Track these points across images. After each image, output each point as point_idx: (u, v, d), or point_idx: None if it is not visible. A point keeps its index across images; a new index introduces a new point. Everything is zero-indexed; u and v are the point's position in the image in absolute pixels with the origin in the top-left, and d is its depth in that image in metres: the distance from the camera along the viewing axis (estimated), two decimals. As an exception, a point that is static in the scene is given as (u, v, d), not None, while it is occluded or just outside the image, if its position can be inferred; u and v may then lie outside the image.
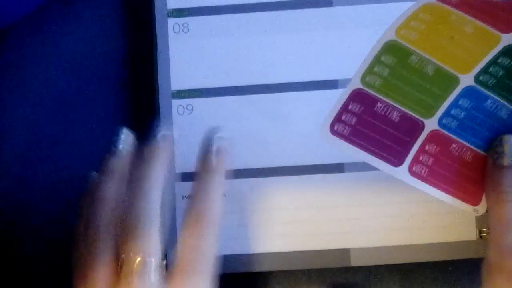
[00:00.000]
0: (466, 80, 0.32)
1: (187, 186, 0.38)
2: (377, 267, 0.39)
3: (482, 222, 0.37)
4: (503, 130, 0.33)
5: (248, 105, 0.38)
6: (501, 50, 0.32)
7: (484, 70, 0.32)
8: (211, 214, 0.32)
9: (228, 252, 0.38)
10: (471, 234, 0.38)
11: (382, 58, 0.32)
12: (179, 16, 0.39)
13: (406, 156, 0.33)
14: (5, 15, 0.40)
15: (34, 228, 0.40)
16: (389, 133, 0.33)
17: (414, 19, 0.32)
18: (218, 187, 0.34)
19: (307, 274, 0.39)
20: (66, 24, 0.41)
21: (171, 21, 0.39)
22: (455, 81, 0.32)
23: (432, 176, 0.33)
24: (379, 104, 0.32)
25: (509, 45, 0.32)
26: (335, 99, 0.37)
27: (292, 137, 0.38)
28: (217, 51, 0.39)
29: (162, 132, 0.34)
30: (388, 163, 0.33)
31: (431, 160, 0.33)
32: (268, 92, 0.38)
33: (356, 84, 0.33)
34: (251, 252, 0.38)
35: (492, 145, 0.33)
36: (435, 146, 0.33)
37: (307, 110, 0.38)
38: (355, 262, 0.38)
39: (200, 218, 0.32)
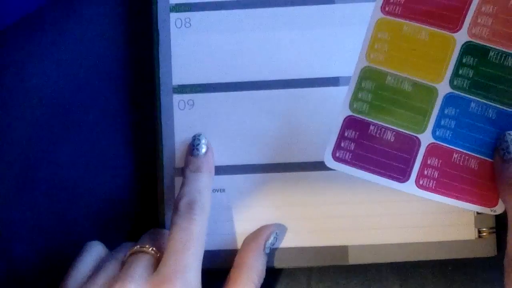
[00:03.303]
0: (443, 88, 0.33)
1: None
2: (376, 267, 0.39)
3: (481, 221, 0.37)
4: (498, 131, 0.33)
5: (249, 101, 0.38)
6: (460, 50, 0.33)
7: (455, 74, 0.33)
8: (202, 201, 0.35)
9: (226, 247, 0.38)
10: (470, 233, 0.37)
11: (363, 85, 0.34)
12: (181, 11, 0.39)
13: (410, 172, 0.33)
14: (5, 15, 0.40)
15: (34, 228, 0.40)
16: (389, 153, 0.33)
17: (376, 41, 0.33)
18: (208, 181, 0.36)
19: (307, 273, 0.39)
20: (66, 24, 0.41)
21: (173, 16, 0.39)
22: (433, 91, 0.33)
23: (442, 187, 0.33)
24: (372, 127, 0.33)
25: (465, 43, 0.32)
26: (336, 96, 0.38)
27: (293, 134, 0.38)
28: (218, 47, 0.39)
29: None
30: (394, 180, 0.33)
31: (436, 172, 0.33)
32: (269, 89, 0.38)
33: (346, 112, 0.34)
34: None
35: (496, 145, 0.33)
36: (437, 159, 0.33)
37: (308, 107, 0.38)
38: (353, 260, 0.38)
39: (191, 204, 0.34)
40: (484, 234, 0.37)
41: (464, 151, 0.33)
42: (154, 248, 0.34)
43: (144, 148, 0.40)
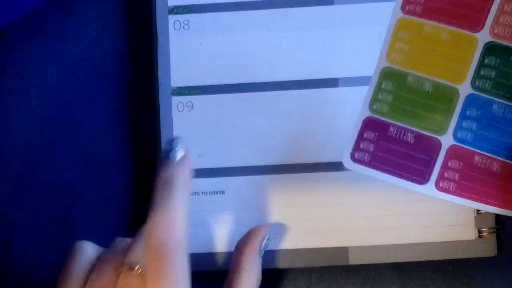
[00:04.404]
0: (465, 89, 0.32)
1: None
2: (377, 267, 0.39)
3: (482, 221, 0.37)
4: None
5: (248, 103, 0.38)
6: (482, 50, 0.32)
7: (477, 75, 0.32)
8: (174, 243, 0.30)
9: (227, 249, 0.38)
10: (470, 233, 0.37)
11: (383, 86, 0.33)
12: (179, 13, 0.39)
13: (430, 174, 0.33)
14: (5, 15, 0.40)
15: (34, 228, 0.40)
16: (408, 155, 0.33)
17: (397, 41, 0.33)
18: (181, 203, 0.31)
19: (307, 273, 0.39)
20: (66, 24, 0.41)
21: (171, 18, 0.39)
22: (454, 92, 0.33)
23: (462, 190, 0.33)
24: (391, 129, 0.33)
25: (487, 42, 0.32)
26: (335, 98, 0.38)
27: (292, 135, 0.38)
28: (217, 49, 0.39)
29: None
30: (414, 182, 0.33)
31: (457, 175, 0.33)
32: (268, 90, 0.38)
33: (366, 113, 0.34)
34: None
35: None
36: (458, 161, 0.33)
37: (308, 108, 0.38)
38: (353, 260, 0.38)
39: (161, 251, 0.30)
40: (484, 234, 0.37)
41: (486, 154, 0.33)
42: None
43: (144, 148, 0.40)
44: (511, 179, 0.32)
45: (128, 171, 0.40)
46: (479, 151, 0.33)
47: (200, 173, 0.38)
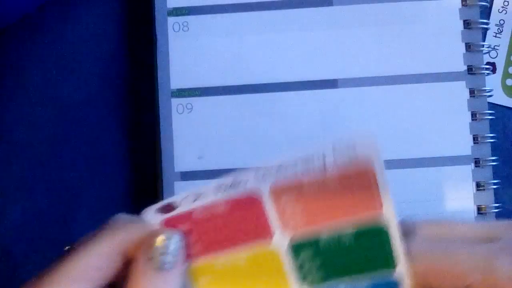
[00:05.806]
0: None
1: (186, 185, 0.38)
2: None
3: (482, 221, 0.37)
4: None
5: (247, 105, 0.38)
6: (290, 252, 0.26)
7: (302, 277, 0.26)
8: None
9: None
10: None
11: None
12: (179, 15, 0.39)
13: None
14: (5, 15, 0.40)
15: (34, 228, 0.40)
16: None
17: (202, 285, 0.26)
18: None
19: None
20: (66, 24, 0.41)
21: (171, 20, 0.39)
22: None
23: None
24: None
25: (289, 244, 0.26)
26: (334, 99, 0.38)
27: (291, 136, 0.38)
28: (217, 50, 0.39)
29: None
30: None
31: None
32: (267, 91, 0.38)
33: None
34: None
35: None
36: None
37: (307, 110, 0.38)
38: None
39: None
40: (484, 234, 0.37)
41: None
42: None
43: (144, 149, 0.40)
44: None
45: (128, 172, 0.40)
46: None
47: (200, 175, 0.38)
